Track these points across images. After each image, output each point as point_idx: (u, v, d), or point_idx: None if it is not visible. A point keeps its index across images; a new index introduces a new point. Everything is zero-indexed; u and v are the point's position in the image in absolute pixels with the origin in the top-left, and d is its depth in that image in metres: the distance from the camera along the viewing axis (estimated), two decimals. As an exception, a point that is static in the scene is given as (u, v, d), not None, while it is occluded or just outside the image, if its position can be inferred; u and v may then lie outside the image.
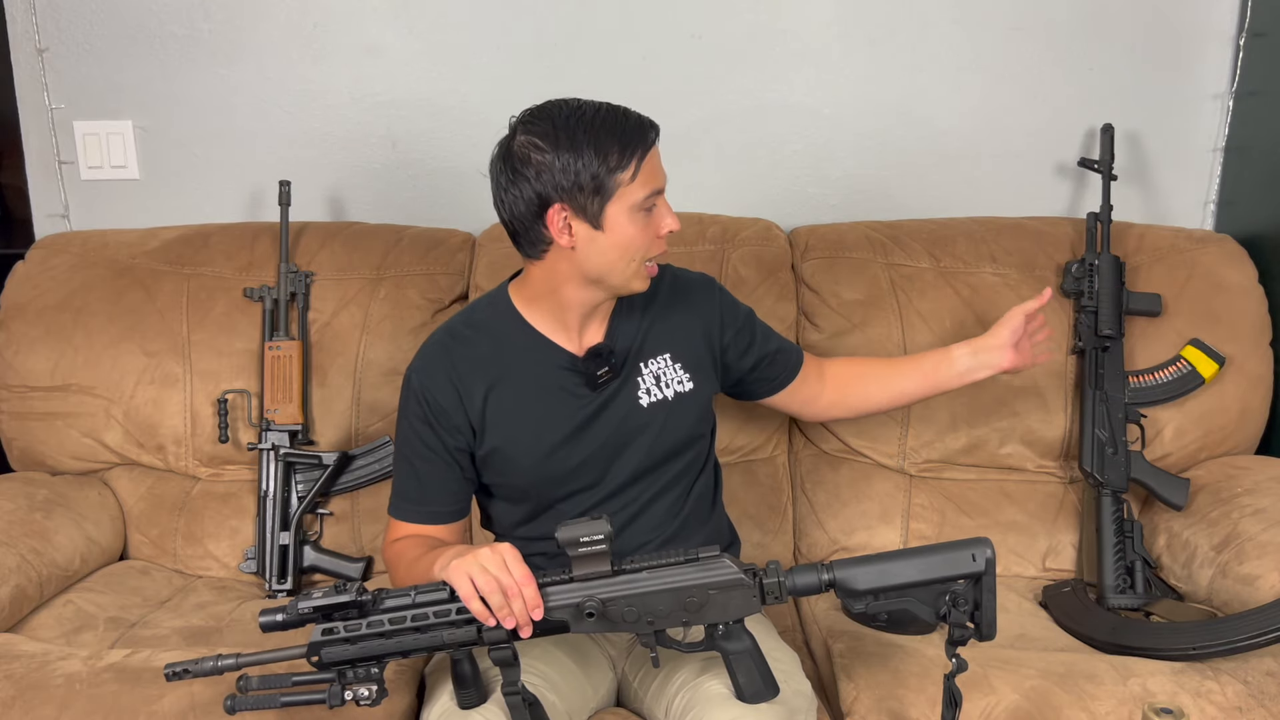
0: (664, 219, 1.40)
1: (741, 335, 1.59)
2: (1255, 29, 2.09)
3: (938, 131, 2.19)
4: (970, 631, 1.26)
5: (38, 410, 1.96)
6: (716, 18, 2.14)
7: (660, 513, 1.52)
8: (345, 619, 1.24)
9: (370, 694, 1.25)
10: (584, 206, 1.35)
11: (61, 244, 2.05)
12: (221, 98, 2.16)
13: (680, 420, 1.52)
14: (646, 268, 1.42)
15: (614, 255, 1.38)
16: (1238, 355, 1.95)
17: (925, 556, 1.26)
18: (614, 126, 1.34)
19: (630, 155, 1.34)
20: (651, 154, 1.37)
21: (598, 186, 1.34)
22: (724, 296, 1.60)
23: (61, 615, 1.72)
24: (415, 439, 1.47)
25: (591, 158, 1.33)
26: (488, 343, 1.48)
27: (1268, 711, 1.42)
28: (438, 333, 1.52)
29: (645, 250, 1.40)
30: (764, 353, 1.62)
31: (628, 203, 1.35)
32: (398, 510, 1.50)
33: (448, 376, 1.46)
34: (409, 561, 1.42)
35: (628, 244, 1.38)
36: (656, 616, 1.26)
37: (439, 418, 1.45)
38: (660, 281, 1.54)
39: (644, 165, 1.35)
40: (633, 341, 1.51)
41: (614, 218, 1.36)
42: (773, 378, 1.65)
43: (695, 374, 1.53)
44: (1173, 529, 1.83)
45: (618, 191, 1.35)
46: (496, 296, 1.53)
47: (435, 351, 1.49)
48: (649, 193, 1.37)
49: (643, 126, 1.37)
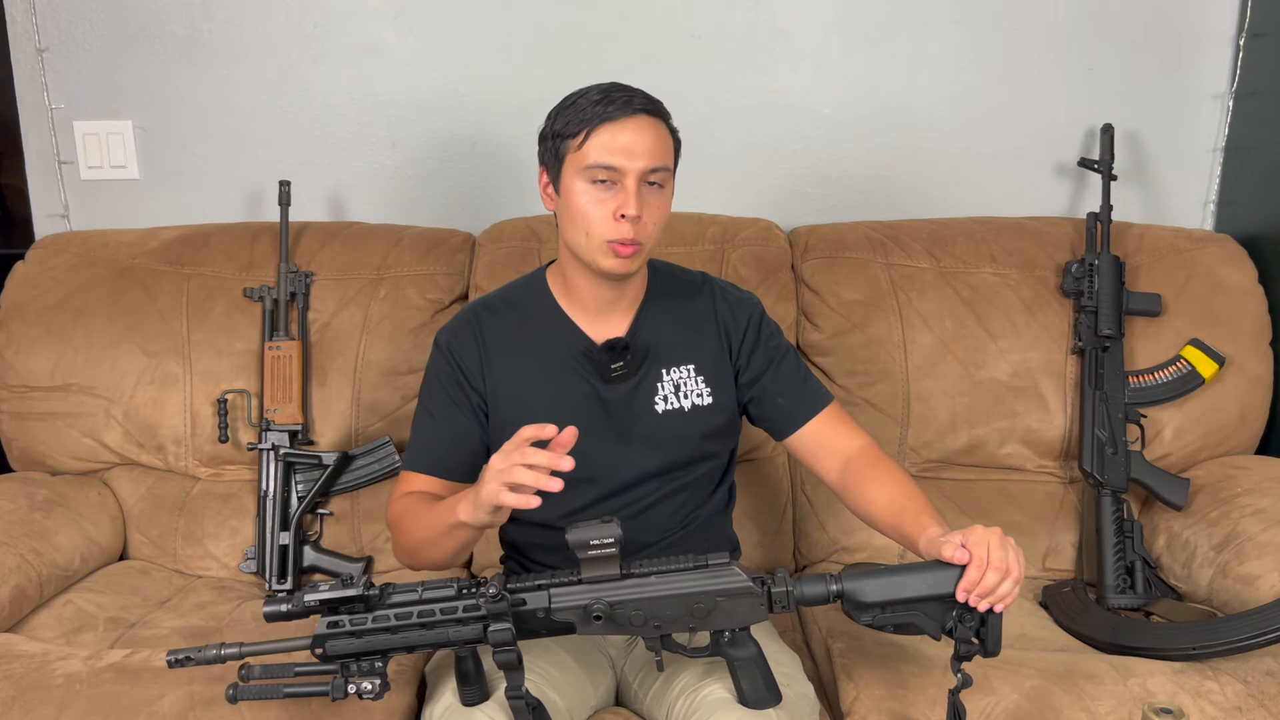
0: (626, 201, 1.37)
1: (755, 361, 1.54)
2: (1255, 29, 2.09)
3: (938, 132, 2.19)
4: (976, 648, 1.26)
5: (38, 410, 1.96)
6: (716, 18, 2.14)
7: (663, 518, 1.52)
8: (351, 613, 1.24)
9: (373, 688, 1.25)
10: (552, 171, 1.43)
11: (61, 244, 2.05)
12: (221, 98, 2.16)
13: (693, 433, 1.51)
14: (611, 247, 1.39)
15: (569, 225, 1.42)
16: (1238, 355, 1.95)
17: (934, 572, 1.26)
18: (594, 99, 1.38)
19: (583, 123, 1.38)
20: (615, 129, 1.36)
21: (555, 150, 1.41)
22: (757, 318, 1.56)
23: (61, 615, 1.72)
24: (441, 393, 1.50)
25: (561, 124, 1.40)
26: (515, 317, 1.52)
27: (1268, 711, 1.42)
28: (473, 303, 1.58)
29: (601, 227, 1.38)
30: (775, 386, 1.54)
31: (575, 169, 1.39)
32: (412, 462, 1.51)
33: (475, 341, 1.50)
34: (417, 511, 1.41)
35: (580, 214, 1.39)
36: (663, 621, 1.26)
37: (467, 376, 1.49)
38: (701, 288, 1.56)
39: (596, 135, 1.37)
40: (657, 341, 1.51)
41: (567, 184, 1.40)
42: (782, 418, 1.55)
43: (717, 389, 1.53)
44: (1173, 529, 1.83)
45: (568, 157, 1.39)
46: (535, 276, 1.57)
47: (466, 317, 1.54)
48: (594, 163, 1.37)
49: (616, 102, 1.37)
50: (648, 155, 1.38)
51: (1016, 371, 1.95)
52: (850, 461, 1.51)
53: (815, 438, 1.54)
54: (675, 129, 1.44)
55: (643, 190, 1.38)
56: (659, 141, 1.39)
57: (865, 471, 1.49)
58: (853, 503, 1.50)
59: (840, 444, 1.53)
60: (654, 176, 1.39)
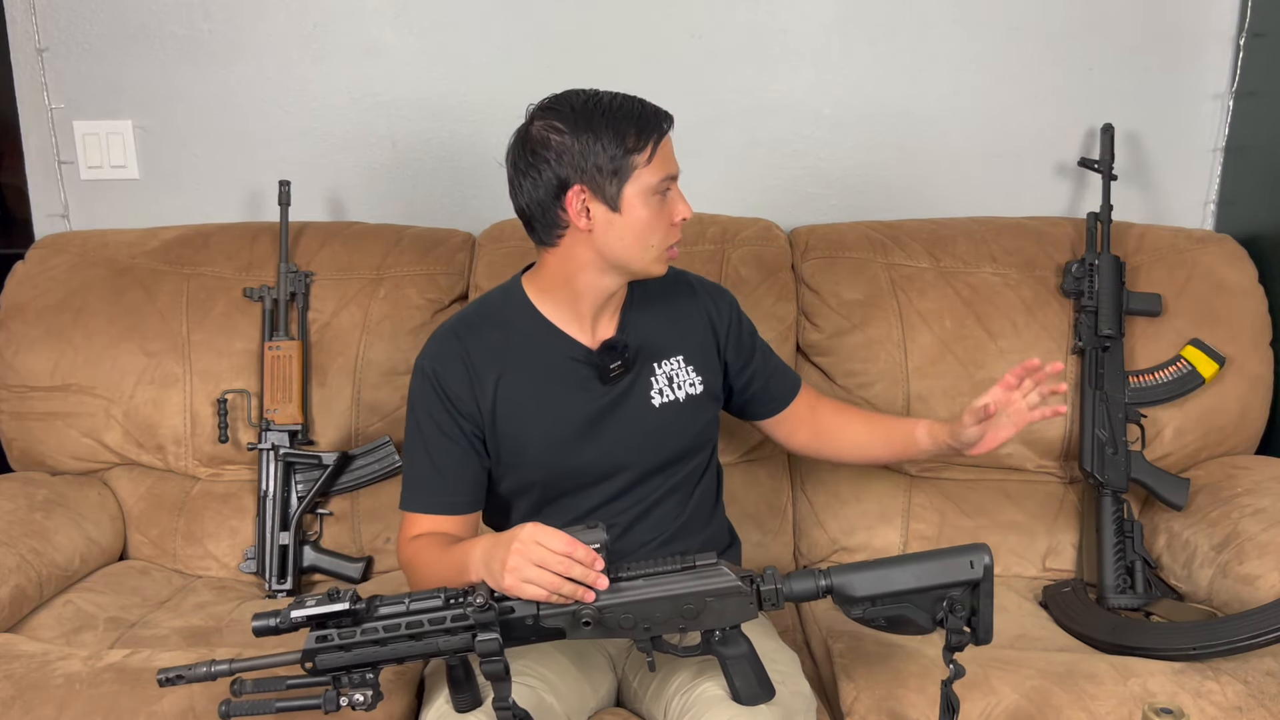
0: (677, 205, 1.43)
1: (743, 349, 1.61)
2: (1255, 29, 2.09)
3: (938, 131, 2.19)
4: (967, 637, 1.26)
5: (38, 410, 1.96)
6: (716, 18, 2.14)
7: (663, 514, 1.52)
8: (339, 626, 1.23)
9: (365, 699, 1.24)
10: (602, 188, 1.37)
11: (61, 244, 2.05)
12: (221, 98, 2.16)
13: (690, 422, 1.52)
14: (667, 252, 1.44)
15: (630, 238, 1.40)
16: (1238, 355, 1.95)
17: (923, 563, 1.26)
18: (631, 111, 1.38)
19: (646, 138, 1.37)
20: (666, 140, 1.41)
21: (615, 168, 1.36)
22: (736, 308, 1.62)
23: (61, 615, 1.72)
24: (431, 426, 1.45)
25: (610, 140, 1.36)
26: (499, 332, 1.48)
27: (1268, 711, 1.42)
28: (449, 322, 1.53)
29: (662, 236, 1.42)
30: (762, 372, 1.63)
31: (643, 185, 1.38)
32: (412, 502, 1.47)
33: (460, 362, 1.45)
34: (428, 563, 1.40)
35: (643, 227, 1.39)
36: (653, 623, 1.26)
37: (455, 403, 1.45)
38: (677, 282, 1.56)
39: (659, 150, 1.39)
40: (646, 338, 1.51)
41: (630, 200, 1.38)
42: (767, 400, 1.66)
43: (706, 377, 1.55)
44: (1173, 529, 1.83)
45: (634, 174, 1.37)
46: (510, 287, 1.53)
47: (447, 339, 1.49)
48: (663, 177, 1.39)
49: (658, 114, 1.41)
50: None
51: (1016, 371, 1.95)
52: (814, 419, 1.69)
53: (797, 414, 1.68)
54: None
55: None
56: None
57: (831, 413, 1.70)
58: (829, 453, 1.70)
59: (812, 414, 1.69)
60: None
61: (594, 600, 1.23)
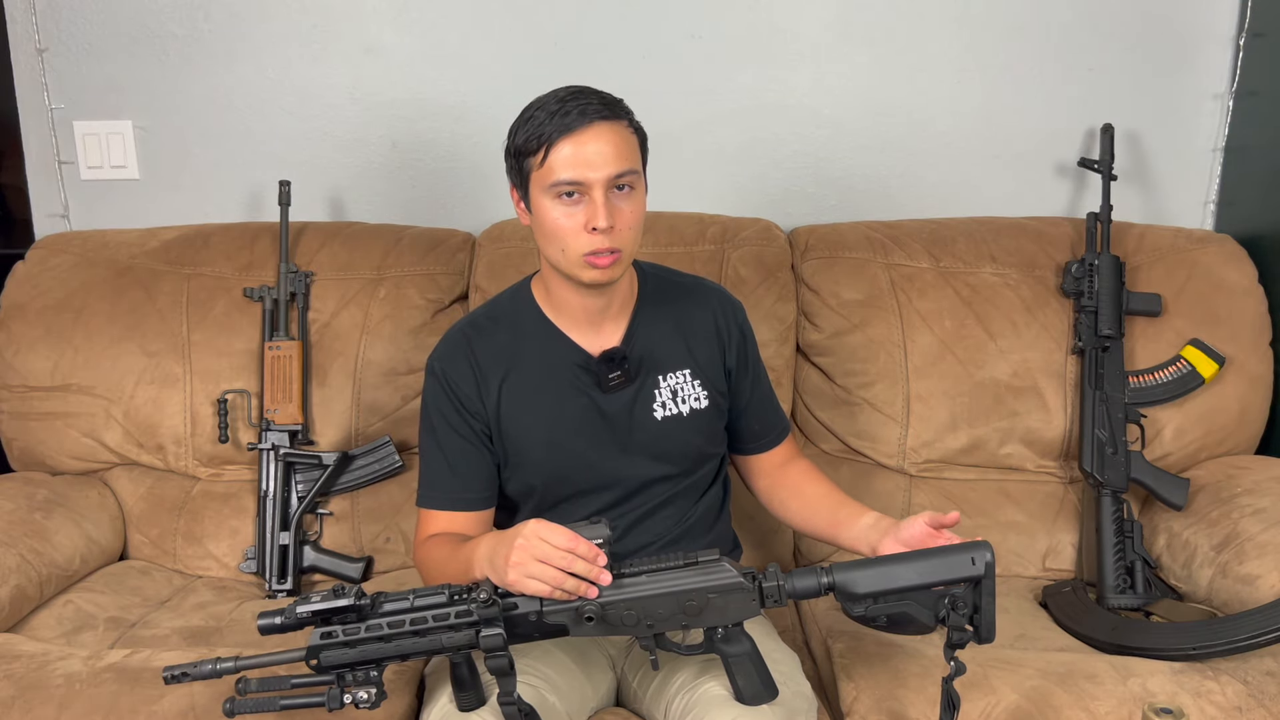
0: (591, 213, 1.34)
1: (744, 363, 1.57)
2: (1255, 29, 2.09)
3: (938, 131, 2.19)
4: (969, 635, 1.26)
5: (38, 410, 1.96)
6: (716, 17, 2.14)
7: (665, 521, 1.52)
8: (344, 623, 1.24)
9: (369, 696, 1.25)
10: (520, 188, 1.41)
11: (61, 244, 2.05)
12: (221, 98, 2.16)
13: (693, 437, 1.52)
14: (588, 260, 1.36)
15: (544, 240, 1.40)
16: (1238, 355, 1.95)
17: (925, 560, 1.26)
18: (550, 111, 1.35)
19: (542, 140, 1.34)
20: (574, 141, 1.33)
21: (520, 168, 1.39)
22: (749, 328, 1.59)
23: (61, 615, 1.72)
24: (443, 424, 1.48)
25: (519, 140, 1.38)
26: (506, 333, 1.50)
27: (1268, 711, 1.42)
28: (460, 323, 1.54)
29: (574, 241, 1.35)
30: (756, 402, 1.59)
31: (543, 187, 1.36)
32: (427, 499, 1.50)
33: (468, 363, 1.47)
34: (439, 561, 1.41)
35: (553, 230, 1.37)
36: (656, 620, 1.26)
37: (463, 402, 1.47)
38: (693, 290, 1.55)
39: (556, 150, 1.33)
40: (651, 349, 1.50)
41: (537, 201, 1.38)
42: (750, 438, 1.61)
43: (713, 393, 1.53)
44: (1173, 529, 1.83)
45: (533, 175, 1.37)
46: (519, 289, 1.54)
47: (455, 339, 1.51)
48: (555, 181, 1.34)
49: (571, 113, 1.33)
50: (611, 162, 1.34)
51: (1016, 371, 1.95)
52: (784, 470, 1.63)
53: (770, 461, 1.63)
54: (639, 125, 1.41)
55: (611, 197, 1.35)
56: (621, 145, 1.35)
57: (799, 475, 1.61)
58: (777, 508, 1.62)
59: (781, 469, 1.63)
60: (621, 181, 1.35)
61: (597, 596, 1.23)
